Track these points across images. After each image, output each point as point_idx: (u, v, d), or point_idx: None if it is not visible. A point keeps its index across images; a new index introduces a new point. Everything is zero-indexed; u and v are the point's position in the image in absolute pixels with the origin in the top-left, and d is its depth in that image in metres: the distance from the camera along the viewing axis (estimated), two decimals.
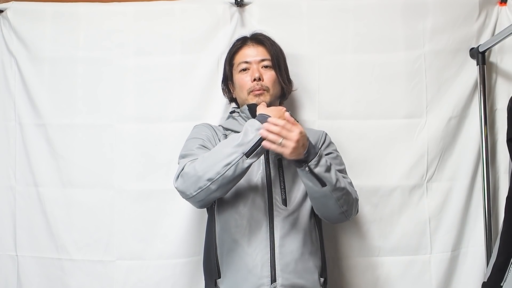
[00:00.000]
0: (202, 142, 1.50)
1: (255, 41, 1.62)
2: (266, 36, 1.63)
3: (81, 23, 1.85)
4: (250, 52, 1.59)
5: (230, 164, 1.33)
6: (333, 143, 1.62)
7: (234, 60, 1.62)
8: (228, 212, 1.48)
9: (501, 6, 1.85)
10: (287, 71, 1.65)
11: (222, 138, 1.55)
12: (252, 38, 1.63)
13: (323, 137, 1.60)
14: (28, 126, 1.85)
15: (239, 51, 1.61)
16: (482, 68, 1.80)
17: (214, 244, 1.49)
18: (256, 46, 1.60)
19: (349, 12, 1.83)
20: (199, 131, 1.57)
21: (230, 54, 1.64)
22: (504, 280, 1.46)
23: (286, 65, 1.65)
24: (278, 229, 1.44)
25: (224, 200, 1.48)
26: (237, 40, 1.65)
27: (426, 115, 1.82)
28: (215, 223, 1.50)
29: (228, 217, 1.47)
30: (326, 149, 1.58)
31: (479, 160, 1.82)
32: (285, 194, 1.46)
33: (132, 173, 1.81)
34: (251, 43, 1.61)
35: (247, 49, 1.60)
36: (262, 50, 1.59)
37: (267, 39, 1.62)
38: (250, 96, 1.56)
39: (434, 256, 1.80)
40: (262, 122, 1.35)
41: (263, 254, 1.42)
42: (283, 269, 1.41)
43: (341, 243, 1.81)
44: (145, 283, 1.78)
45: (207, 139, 1.52)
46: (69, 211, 1.81)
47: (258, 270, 1.41)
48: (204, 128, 1.58)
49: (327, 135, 1.62)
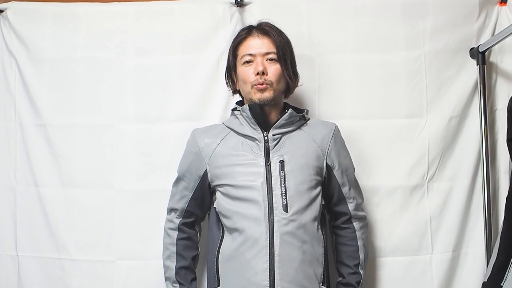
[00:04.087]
0: (182, 191, 1.59)
1: (261, 31, 1.53)
2: (273, 26, 1.55)
3: (81, 23, 1.84)
4: (255, 43, 1.52)
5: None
6: (343, 141, 1.61)
7: (238, 51, 1.55)
8: (227, 219, 1.46)
9: (501, 6, 1.85)
10: (294, 64, 1.58)
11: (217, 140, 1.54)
12: (258, 28, 1.55)
13: (332, 136, 1.56)
14: (28, 126, 1.85)
15: (243, 41, 1.54)
16: (482, 68, 1.79)
17: (217, 252, 1.48)
18: (262, 37, 1.53)
19: (349, 12, 1.83)
20: (182, 166, 1.60)
21: (234, 44, 1.57)
22: (504, 280, 1.46)
23: (293, 58, 1.57)
24: (278, 236, 1.41)
25: (225, 207, 1.47)
26: (242, 30, 1.58)
27: (426, 115, 1.82)
28: (223, 232, 1.49)
29: (231, 225, 1.46)
30: (337, 152, 1.56)
31: (479, 160, 1.81)
32: (286, 200, 1.43)
33: (132, 173, 1.81)
34: (257, 33, 1.53)
35: (252, 40, 1.53)
36: (267, 42, 1.52)
37: (273, 30, 1.54)
38: (253, 90, 1.50)
39: (435, 256, 1.80)
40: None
41: (262, 262, 1.40)
42: (282, 277, 1.39)
43: None
44: (145, 283, 1.77)
45: (187, 180, 1.57)
46: (69, 211, 1.81)
47: (258, 278, 1.39)
48: (193, 144, 1.58)
49: (338, 133, 1.59)
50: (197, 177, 1.55)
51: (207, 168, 1.52)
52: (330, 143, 1.55)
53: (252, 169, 1.47)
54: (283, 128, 1.53)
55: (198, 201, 1.58)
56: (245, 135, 1.53)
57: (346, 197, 1.57)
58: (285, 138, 1.52)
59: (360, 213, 1.61)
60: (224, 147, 1.52)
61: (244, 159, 1.49)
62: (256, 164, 1.48)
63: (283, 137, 1.52)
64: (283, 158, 1.48)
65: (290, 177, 1.46)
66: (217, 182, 1.51)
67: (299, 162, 1.48)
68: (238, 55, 1.56)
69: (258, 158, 1.48)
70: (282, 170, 1.46)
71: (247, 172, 1.47)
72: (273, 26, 1.56)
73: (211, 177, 1.52)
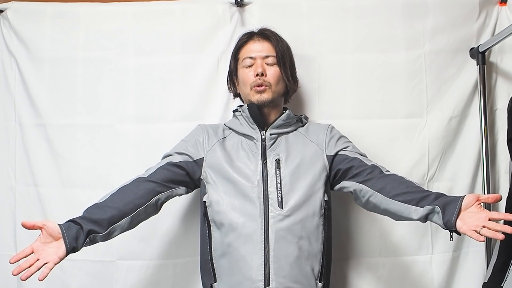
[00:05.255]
0: (183, 148, 1.54)
1: (261, 36, 1.59)
2: (272, 32, 1.60)
3: (81, 23, 1.84)
4: (255, 47, 1.57)
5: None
6: (340, 134, 1.60)
7: (239, 54, 1.61)
8: (222, 215, 1.46)
9: (501, 6, 1.85)
10: (293, 68, 1.63)
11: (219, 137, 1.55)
12: (258, 33, 1.61)
13: (328, 133, 1.57)
14: (28, 126, 1.85)
15: (244, 45, 1.60)
16: (482, 68, 1.80)
17: (208, 248, 1.48)
18: (262, 42, 1.58)
19: (349, 12, 1.83)
20: (192, 134, 1.60)
21: (235, 48, 1.63)
22: (505, 280, 1.46)
23: (292, 62, 1.62)
24: (273, 232, 1.42)
25: (218, 202, 1.47)
26: (243, 35, 1.63)
27: (426, 115, 1.82)
28: (209, 226, 1.49)
29: (222, 220, 1.46)
30: (338, 144, 1.55)
31: (479, 160, 1.81)
32: (281, 196, 1.45)
33: (132, 173, 1.79)
34: (257, 38, 1.59)
35: (253, 44, 1.58)
36: (267, 46, 1.57)
37: (273, 35, 1.59)
38: (252, 92, 1.54)
39: (435, 256, 1.80)
40: None
41: (257, 257, 1.40)
42: (277, 273, 1.40)
43: (342, 243, 1.80)
44: (145, 283, 1.78)
45: (192, 145, 1.55)
46: (69, 211, 1.79)
47: (253, 273, 1.40)
48: (199, 132, 1.59)
49: (333, 129, 1.60)
50: (192, 156, 1.53)
51: (204, 157, 1.53)
52: (326, 136, 1.56)
53: (248, 166, 1.49)
54: (280, 128, 1.55)
55: (172, 171, 1.51)
56: (244, 134, 1.56)
57: (365, 161, 1.51)
58: (282, 138, 1.55)
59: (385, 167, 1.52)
60: (224, 144, 1.55)
61: (242, 156, 1.51)
62: (253, 162, 1.50)
63: (279, 137, 1.55)
64: (279, 156, 1.50)
65: (286, 175, 1.47)
66: (211, 174, 1.51)
67: (295, 160, 1.50)
68: (239, 59, 1.60)
69: (255, 157, 1.51)
70: (278, 168, 1.48)
71: (244, 169, 1.49)
72: (273, 31, 1.61)
73: (206, 166, 1.52)
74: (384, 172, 1.48)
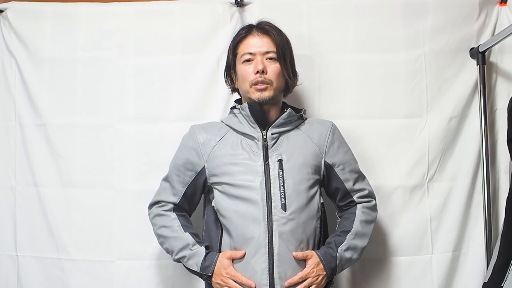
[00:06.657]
0: (175, 185, 1.56)
1: (261, 30, 1.54)
2: (272, 26, 1.56)
3: (81, 23, 1.85)
4: (255, 42, 1.52)
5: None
6: (341, 139, 1.59)
7: (238, 49, 1.55)
8: (225, 218, 1.46)
9: (501, 6, 1.85)
10: (293, 63, 1.59)
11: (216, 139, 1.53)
12: (258, 27, 1.55)
13: (330, 133, 1.55)
14: (28, 126, 1.85)
15: (243, 40, 1.54)
16: (482, 68, 1.80)
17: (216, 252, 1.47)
18: (262, 36, 1.53)
19: (349, 12, 1.83)
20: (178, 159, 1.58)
21: (234, 42, 1.57)
22: (505, 280, 1.46)
23: (292, 57, 1.58)
24: (277, 235, 1.41)
25: (222, 205, 1.47)
26: (242, 28, 1.59)
27: (426, 115, 1.82)
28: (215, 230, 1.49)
29: (226, 223, 1.46)
30: (337, 155, 1.55)
31: (479, 160, 1.81)
32: (284, 199, 1.43)
33: (132, 173, 1.81)
34: (257, 32, 1.54)
35: (252, 38, 1.53)
36: (267, 41, 1.52)
37: (273, 29, 1.54)
38: (252, 90, 1.50)
39: (435, 256, 1.80)
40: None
41: (261, 261, 1.40)
42: (282, 277, 1.40)
43: None
44: (145, 283, 1.78)
45: (182, 175, 1.55)
46: (69, 211, 1.81)
47: (257, 277, 1.40)
48: (185, 153, 1.56)
49: (335, 132, 1.58)
50: (193, 173, 1.54)
51: (205, 165, 1.52)
52: (328, 140, 1.54)
53: (250, 168, 1.47)
54: (281, 127, 1.53)
55: (189, 197, 1.57)
56: (244, 133, 1.53)
57: (351, 191, 1.56)
58: (283, 137, 1.53)
59: (364, 199, 1.57)
60: (223, 145, 1.52)
61: (243, 158, 1.49)
62: (255, 163, 1.48)
63: (281, 136, 1.52)
64: (281, 157, 1.48)
65: (289, 176, 1.46)
66: (215, 180, 1.51)
67: (297, 161, 1.49)
68: (238, 54, 1.56)
69: (257, 157, 1.48)
70: (280, 169, 1.46)
71: (246, 171, 1.47)
72: (273, 25, 1.57)
73: (209, 175, 1.52)
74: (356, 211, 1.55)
